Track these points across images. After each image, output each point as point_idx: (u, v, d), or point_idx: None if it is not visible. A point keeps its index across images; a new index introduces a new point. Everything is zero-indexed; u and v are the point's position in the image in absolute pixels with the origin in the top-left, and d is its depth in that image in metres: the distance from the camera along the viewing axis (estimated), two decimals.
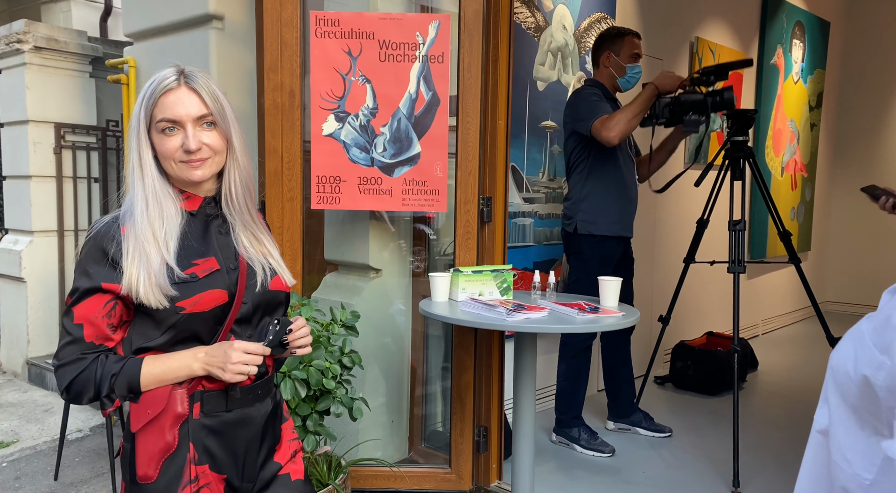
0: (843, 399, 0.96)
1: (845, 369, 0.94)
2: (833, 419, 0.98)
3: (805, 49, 5.37)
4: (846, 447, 0.94)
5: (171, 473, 1.21)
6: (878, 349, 0.88)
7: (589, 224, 2.75)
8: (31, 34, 4.13)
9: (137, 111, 1.24)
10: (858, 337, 0.94)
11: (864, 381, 0.89)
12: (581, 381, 2.84)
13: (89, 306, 1.19)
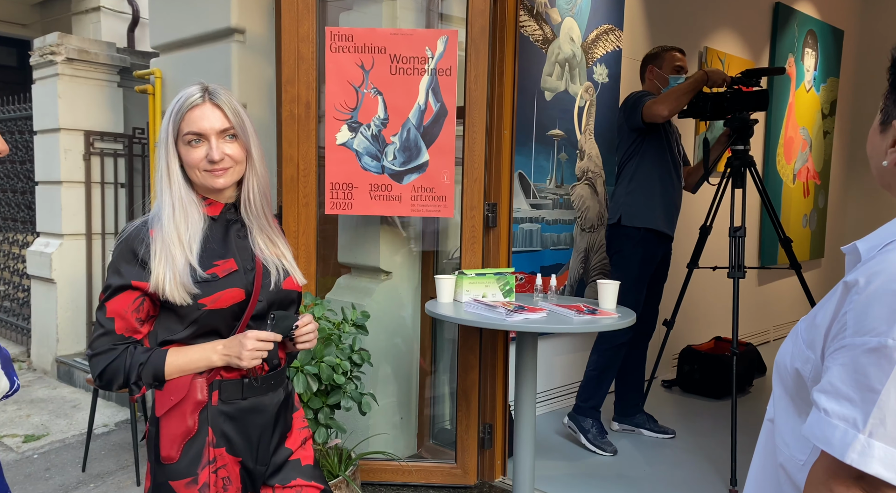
0: (784, 390, 1.05)
1: (784, 362, 1.04)
2: (777, 409, 1.07)
3: (818, 58, 5.40)
4: (785, 432, 1.03)
5: (191, 454, 1.33)
6: (806, 345, 0.96)
7: (632, 216, 2.88)
8: (64, 46, 4.33)
9: (166, 125, 1.37)
10: (795, 334, 1.03)
11: (797, 373, 0.98)
12: (608, 375, 2.93)
13: (120, 301, 1.32)
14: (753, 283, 5.00)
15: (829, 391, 0.84)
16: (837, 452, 0.81)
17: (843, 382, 0.83)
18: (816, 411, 0.85)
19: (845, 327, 0.86)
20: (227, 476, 1.36)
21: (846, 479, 0.82)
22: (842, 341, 0.86)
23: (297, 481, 1.48)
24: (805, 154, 5.41)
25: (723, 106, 2.76)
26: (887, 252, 0.86)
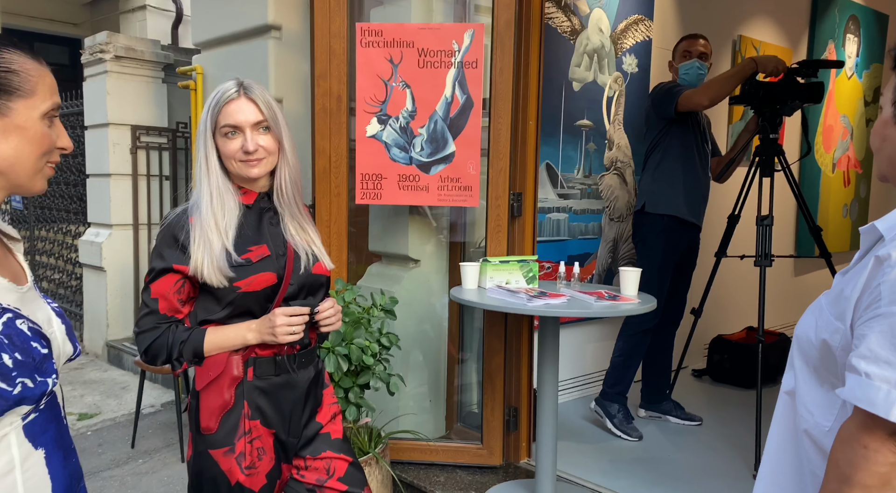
0: (806, 363, 1.11)
1: (808, 336, 1.10)
2: (798, 380, 1.13)
3: (860, 44, 5.26)
4: (808, 402, 1.09)
5: (228, 425, 1.44)
6: (834, 317, 1.03)
7: (656, 204, 2.93)
8: (112, 44, 4.53)
9: (204, 118, 1.47)
10: (818, 309, 1.09)
11: (824, 344, 1.05)
12: (634, 361, 2.98)
13: (163, 283, 1.43)
14: (789, 273, 4.93)
15: (869, 357, 0.91)
16: (882, 411, 0.88)
17: (882, 347, 0.90)
18: (857, 375, 0.92)
19: (879, 298, 0.93)
20: (262, 447, 1.46)
21: (882, 435, 0.89)
22: (876, 310, 0.93)
23: (327, 453, 1.58)
24: (846, 143, 5.29)
25: (776, 95, 2.74)
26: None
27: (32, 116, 0.89)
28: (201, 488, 1.45)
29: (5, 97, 0.86)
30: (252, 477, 1.45)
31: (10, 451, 0.85)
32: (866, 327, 0.94)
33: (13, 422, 0.86)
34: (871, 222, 1.03)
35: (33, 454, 0.88)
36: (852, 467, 0.93)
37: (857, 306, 0.98)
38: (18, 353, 0.85)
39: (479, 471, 2.53)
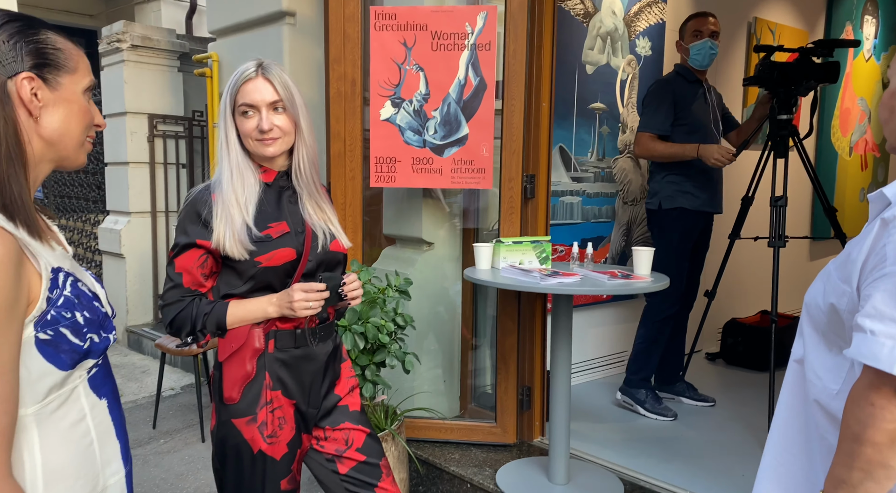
0: (815, 329, 1.14)
1: (816, 302, 1.12)
2: (807, 347, 1.15)
3: (878, 25, 5.20)
4: (817, 367, 1.12)
5: (251, 396, 1.49)
6: (841, 281, 1.05)
7: (671, 200, 2.95)
8: (129, 34, 4.59)
9: (225, 97, 1.51)
10: (826, 275, 1.12)
11: (832, 308, 1.07)
12: (657, 347, 3.01)
13: (187, 258, 1.48)
14: (805, 257, 4.91)
15: (874, 315, 0.93)
16: (886, 366, 0.91)
17: (886, 305, 0.93)
18: (862, 333, 0.95)
19: (885, 259, 0.95)
20: (283, 417, 1.51)
21: (888, 392, 0.92)
22: (882, 270, 0.95)
23: (346, 424, 1.62)
24: (863, 126, 5.24)
25: (790, 76, 2.73)
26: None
27: (76, 90, 0.95)
28: (225, 456, 1.50)
29: (55, 72, 0.92)
30: (274, 446, 1.49)
31: (80, 400, 0.94)
32: (872, 288, 0.96)
33: (81, 376, 0.94)
34: (880, 189, 1.05)
35: (98, 403, 0.97)
36: (862, 425, 0.96)
37: (864, 268, 1.00)
38: (86, 311, 0.93)
39: (493, 449, 2.57)
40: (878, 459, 0.95)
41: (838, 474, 1.01)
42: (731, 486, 2.32)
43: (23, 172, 0.89)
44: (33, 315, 0.87)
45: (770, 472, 1.24)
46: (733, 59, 4.09)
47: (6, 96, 0.87)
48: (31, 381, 0.87)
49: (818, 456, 1.16)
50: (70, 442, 0.92)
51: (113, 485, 0.99)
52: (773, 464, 1.25)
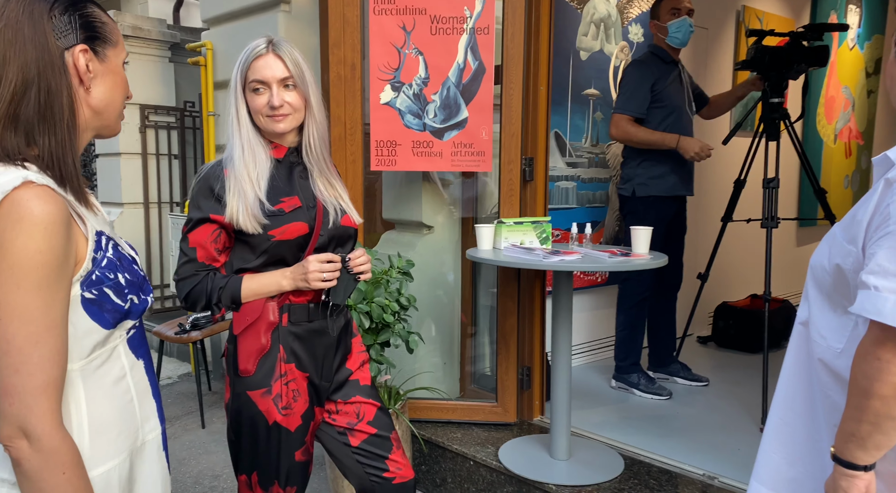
0: (820, 290, 1.18)
1: (821, 264, 1.17)
2: (812, 309, 1.20)
3: (862, 14, 5.29)
4: (822, 327, 1.17)
5: (265, 368, 1.51)
6: (847, 241, 1.10)
7: (645, 187, 2.97)
8: (119, 23, 4.56)
9: (235, 73, 1.53)
10: (831, 237, 1.16)
11: (837, 269, 1.11)
12: (639, 330, 3.06)
13: (201, 232, 1.50)
14: (791, 243, 5.00)
15: (878, 272, 0.98)
16: (890, 319, 0.95)
17: (890, 261, 0.97)
18: (866, 289, 0.99)
19: (888, 217, 0.99)
20: (297, 389, 1.53)
21: (893, 346, 0.96)
22: (886, 229, 0.99)
23: (357, 397, 1.65)
24: (847, 114, 5.33)
25: (782, 59, 2.78)
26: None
27: (119, 62, 0.99)
28: (240, 428, 1.53)
29: (103, 45, 0.95)
30: (288, 417, 1.52)
31: (120, 359, 0.97)
32: (876, 246, 1.01)
33: (121, 336, 0.98)
34: (884, 153, 1.10)
35: (136, 363, 1.01)
36: (869, 379, 1.00)
37: (869, 227, 1.05)
38: (127, 273, 0.96)
39: (494, 428, 2.61)
40: (885, 411, 0.99)
41: (848, 428, 1.05)
42: (727, 461, 2.38)
43: (76, 140, 0.92)
44: (80, 275, 0.90)
45: (775, 431, 1.29)
46: (723, 45, 4.15)
47: (64, 67, 0.90)
48: (78, 337, 0.90)
49: (821, 414, 1.20)
50: (113, 398, 0.96)
51: (151, 441, 1.02)
52: (777, 423, 1.29)
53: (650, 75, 2.92)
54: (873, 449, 1.03)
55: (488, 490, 2.36)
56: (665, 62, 2.98)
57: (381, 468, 1.65)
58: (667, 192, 2.96)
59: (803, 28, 2.78)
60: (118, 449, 0.96)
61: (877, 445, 1.02)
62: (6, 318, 0.82)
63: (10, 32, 0.87)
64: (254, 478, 1.55)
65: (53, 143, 0.90)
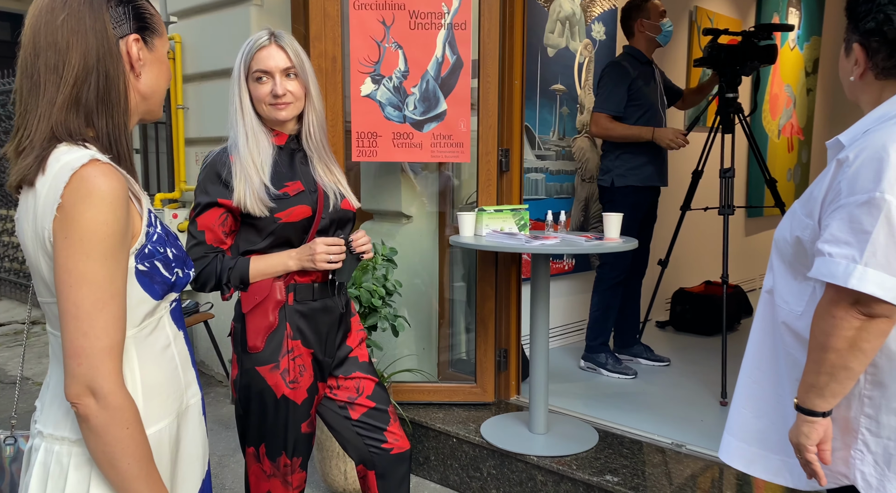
0: (782, 261, 1.33)
1: (784, 236, 1.31)
2: (776, 278, 1.34)
3: (801, 17, 5.62)
4: (785, 293, 1.31)
5: (273, 344, 1.58)
6: (805, 215, 1.24)
7: (623, 177, 3.13)
8: None
9: (238, 64, 1.59)
10: (792, 213, 1.31)
11: (797, 240, 1.26)
12: (611, 313, 3.23)
13: (209, 216, 1.55)
14: (741, 233, 5.29)
15: (831, 240, 1.12)
16: (842, 280, 1.09)
17: (841, 231, 1.11)
18: (822, 256, 1.13)
19: (840, 193, 1.14)
20: (303, 364, 1.61)
21: (846, 305, 1.11)
22: (837, 203, 1.14)
23: (357, 374, 1.73)
24: (789, 110, 5.66)
25: (735, 56, 2.97)
26: (868, 135, 1.14)
27: (164, 52, 1.05)
28: (249, 402, 1.59)
29: (152, 35, 1.01)
30: (295, 391, 1.59)
31: (166, 329, 1.04)
32: (830, 218, 1.16)
33: (165, 307, 1.04)
34: (836, 137, 1.25)
35: (178, 334, 1.07)
36: (826, 335, 1.15)
37: (823, 202, 1.20)
38: (173, 248, 1.03)
39: (473, 407, 2.72)
40: (840, 363, 1.14)
41: (808, 380, 1.20)
42: (691, 431, 2.55)
43: (129, 123, 0.99)
44: (135, 248, 0.96)
45: (745, 387, 1.44)
46: (677, 44, 4.37)
47: (119, 55, 0.96)
48: (132, 306, 0.96)
49: (785, 370, 1.35)
50: (161, 364, 1.02)
51: (193, 405, 1.09)
52: (746, 381, 1.44)
53: (628, 76, 3.10)
54: (830, 397, 1.17)
55: (471, 465, 2.47)
56: (641, 63, 3.16)
57: (380, 439, 1.74)
58: (643, 182, 3.14)
59: (754, 28, 2.99)
60: (167, 411, 1.02)
61: (833, 393, 1.17)
62: (76, 284, 0.88)
63: (74, 21, 0.93)
64: (261, 450, 1.62)
65: (111, 125, 0.96)
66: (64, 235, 0.88)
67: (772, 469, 1.39)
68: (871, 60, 1.19)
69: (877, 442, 1.20)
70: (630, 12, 3.19)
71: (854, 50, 1.22)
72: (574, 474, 2.18)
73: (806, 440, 1.20)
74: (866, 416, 1.21)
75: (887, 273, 1.08)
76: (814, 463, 1.21)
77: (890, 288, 1.08)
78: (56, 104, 0.93)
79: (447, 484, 2.56)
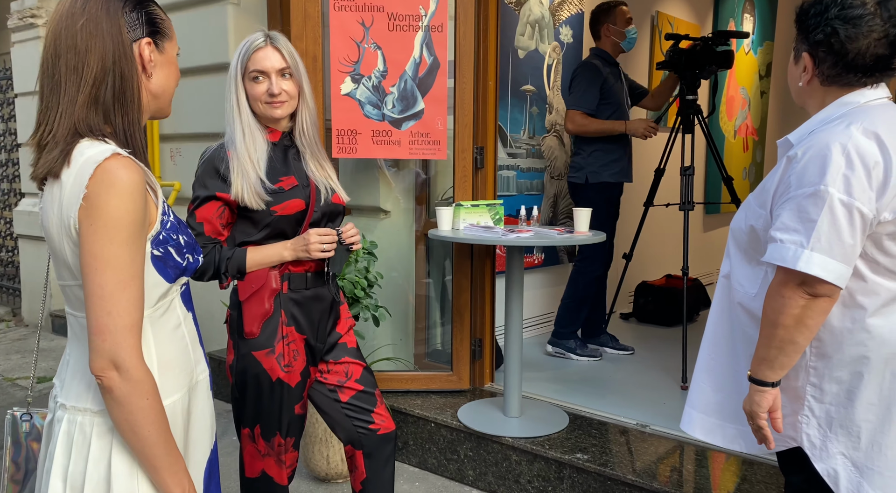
0: (738, 248, 1.48)
1: (739, 226, 1.46)
2: (732, 264, 1.49)
3: (755, 22, 5.89)
4: (740, 277, 1.46)
5: (269, 330, 1.67)
6: (758, 206, 1.39)
7: (597, 174, 3.28)
8: (45, 10, 4.43)
9: (234, 64, 1.67)
10: (747, 205, 1.46)
11: (751, 229, 1.41)
12: (587, 304, 3.39)
13: (207, 209, 1.63)
14: (699, 229, 5.52)
15: (782, 228, 1.27)
16: (790, 263, 1.24)
17: (790, 220, 1.27)
18: (774, 242, 1.28)
19: (790, 186, 1.29)
20: (296, 350, 1.70)
21: (793, 285, 1.26)
22: (787, 195, 1.29)
23: (346, 359, 1.83)
24: (745, 112, 5.93)
25: (695, 61, 3.16)
26: (814, 135, 1.30)
27: (173, 54, 1.12)
28: (245, 385, 1.68)
29: (162, 38, 1.09)
30: (290, 374, 1.68)
31: (177, 310, 1.12)
32: (780, 209, 1.31)
33: (177, 290, 1.12)
34: (785, 136, 1.40)
35: (188, 314, 1.16)
36: (776, 313, 1.30)
37: (775, 194, 1.35)
38: (184, 236, 1.12)
39: (449, 394, 2.84)
40: (788, 338, 1.29)
41: (760, 354, 1.35)
42: (655, 413, 2.72)
43: (142, 120, 1.07)
44: (151, 234, 1.04)
45: (704, 363, 1.59)
46: (640, 47, 4.56)
47: (133, 57, 1.04)
48: (147, 288, 1.04)
49: (740, 346, 1.51)
50: (174, 341, 1.11)
51: (202, 380, 1.18)
52: (706, 357, 1.59)
53: (601, 75, 3.25)
54: (779, 369, 1.33)
55: (449, 448, 2.58)
56: (610, 64, 3.31)
57: (368, 420, 1.84)
58: (615, 178, 3.31)
59: (712, 34, 3.17)
60: (180, 385, 1.11)
61: (781, 365, 1.32)
62: (101, 267, 0.96)
63: (92, 26, 1.01)
64: (256, 430, 1.70)
65: (126, 122, 1.04)
66: (89, 223, 0.96)
67: (728, 437, 1.54)
68: (818, 68, 1.34)
69: (820, 407, 1.36)
70: (598, 16, 3.34)
71: (803, 58, 1.37)
72: (546, 453, 2.32)
73: (758, 408, 1.35)
74: (811, 385, 1.36)
75: (830, 257, 1.23)
76: (764, 429, 1.36)
77: (832, 270, 1.23)
78: (77, 103, 1.01)
79: (425, 467, 2.67)
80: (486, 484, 2.49)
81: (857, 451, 1.33)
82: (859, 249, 1.25)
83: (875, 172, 1.23)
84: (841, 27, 1.28)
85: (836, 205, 1.22)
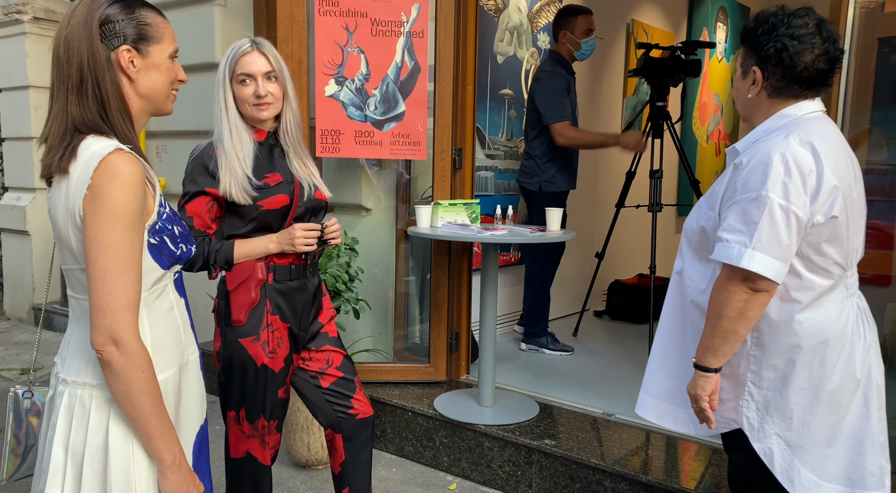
0: (690, 246, 1.61)
1: (691, 226, 1.59)
2: (684, 261, 1.63)
3: (728, 31, 6.08)
4: (691, 274, 1.59)
5: (255, 319, 1.77)
6: (708, 209, 1.53)
7: (550, 184, 3.40)
8: (30, 5, 4.47)
9: (222, 68, 1.77)
10: (698, 207, 1.59)
11: (702, 230, 1.54)
12: (547, 300, 3.53)
13: (196, 203, 1.73)
14: (671, 230, 5.70)
15: (728, 229, 1.42)
16: (735, 260, 1.37)
17: (736, 221, 1.41)
18: (720, 242, 1.42)
19: (735, 191, 1.43)
20: (280, 337, 1.81)
21: (737, 281, 1.40)
22: (733, 198, 1.43)
23: (327, 347, 1.94)
24: (717, 118, 6.12)
25: (665, 69, 3.30)
26: (757, 144, 1.44)
27: (162, 56, 1.20)
28: (231, 370, 1.78)
29: (145, 44, 1.17)
30: (274, 360, 1.79)
31: (170, 295, 1.22)
32: (727, 211, 1.45)
33: (170, 277, 1.22)
34: (733, 144, 1.54)
35: (180, 300, 1.26)
36: (721, 306, 1.43)
37: (723, 198, 1.49)
38: (178, 226, 1.22)
39: (427, 386, 2.95)
40: (731, 328, 1.43)
41: (705, 342, 1.49)
42: (620, 402, 2.86)
43: (130, 122, 1.16)
44: (149, 224, 1.15)
45: (658, 352, 1.72)
46: (615, 54, 4.71)
47: (111, 66, 1.13)
48: (143, 273, 1.15)
49: (690, 337, 1.64)
50: (167, 323, 1.21)
51: (192, 361, 1.28)
52: (659, 347, 1.72)
53: (565, 83, 3.35)
54: (721, 356, 1.46)
55: (425, 436, 2.70)
56: (569, 73, 3.42)
57: (347, 406, 1.95)
58: (566, 186, 3.44)
59: (681, 44, 3.33)
60: (172, 363, 1.21)
61: (724, 353, 1.46)
62: (103, 251, 1.07)
63: (71, 37, 1.11)
64: (241, 413, 1.81)
65: (117, 123, 1.13)
66: (93, 211, 1.06)
67: (679, 421, 1.68)
68: (767, 81, 1.48)
69: (759, 392, 1.50)
70: (559, 20, 3.40)
71: (752, 72, 1.50)
72: (517, 439, 2.45)
73: (701, 392, 1.49)
74: (751, 371, 1.50)
75: (769, 256, 1.37)
76: (706, 410, 1.50)
77: (771, 267, 1.37)
78: (68, 107, 1.11)
79: (402, 454, 2.79)
80: (460, 470, 2.62)
81: (789, 431, 1.47)
82: (795, 248, 1.39)
83: (809, 179, 1.37)
84: (790, 43, 1.42)
85: (776, 209, 1.36)
